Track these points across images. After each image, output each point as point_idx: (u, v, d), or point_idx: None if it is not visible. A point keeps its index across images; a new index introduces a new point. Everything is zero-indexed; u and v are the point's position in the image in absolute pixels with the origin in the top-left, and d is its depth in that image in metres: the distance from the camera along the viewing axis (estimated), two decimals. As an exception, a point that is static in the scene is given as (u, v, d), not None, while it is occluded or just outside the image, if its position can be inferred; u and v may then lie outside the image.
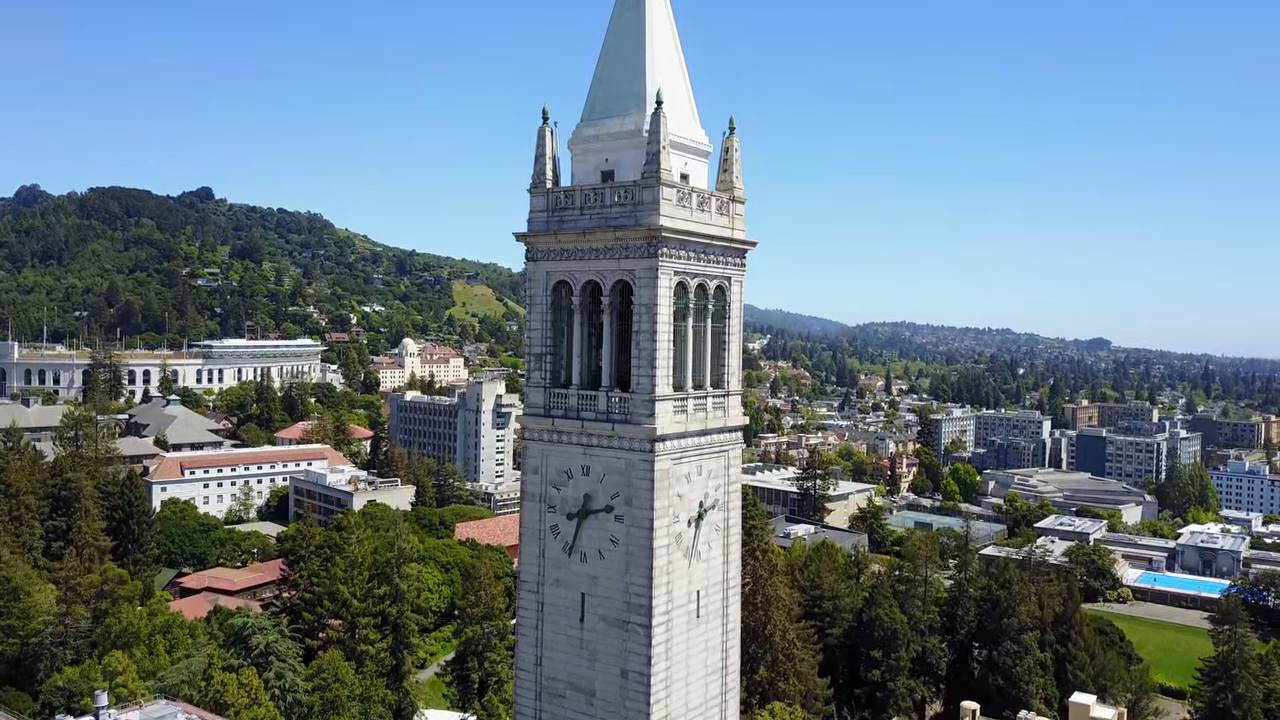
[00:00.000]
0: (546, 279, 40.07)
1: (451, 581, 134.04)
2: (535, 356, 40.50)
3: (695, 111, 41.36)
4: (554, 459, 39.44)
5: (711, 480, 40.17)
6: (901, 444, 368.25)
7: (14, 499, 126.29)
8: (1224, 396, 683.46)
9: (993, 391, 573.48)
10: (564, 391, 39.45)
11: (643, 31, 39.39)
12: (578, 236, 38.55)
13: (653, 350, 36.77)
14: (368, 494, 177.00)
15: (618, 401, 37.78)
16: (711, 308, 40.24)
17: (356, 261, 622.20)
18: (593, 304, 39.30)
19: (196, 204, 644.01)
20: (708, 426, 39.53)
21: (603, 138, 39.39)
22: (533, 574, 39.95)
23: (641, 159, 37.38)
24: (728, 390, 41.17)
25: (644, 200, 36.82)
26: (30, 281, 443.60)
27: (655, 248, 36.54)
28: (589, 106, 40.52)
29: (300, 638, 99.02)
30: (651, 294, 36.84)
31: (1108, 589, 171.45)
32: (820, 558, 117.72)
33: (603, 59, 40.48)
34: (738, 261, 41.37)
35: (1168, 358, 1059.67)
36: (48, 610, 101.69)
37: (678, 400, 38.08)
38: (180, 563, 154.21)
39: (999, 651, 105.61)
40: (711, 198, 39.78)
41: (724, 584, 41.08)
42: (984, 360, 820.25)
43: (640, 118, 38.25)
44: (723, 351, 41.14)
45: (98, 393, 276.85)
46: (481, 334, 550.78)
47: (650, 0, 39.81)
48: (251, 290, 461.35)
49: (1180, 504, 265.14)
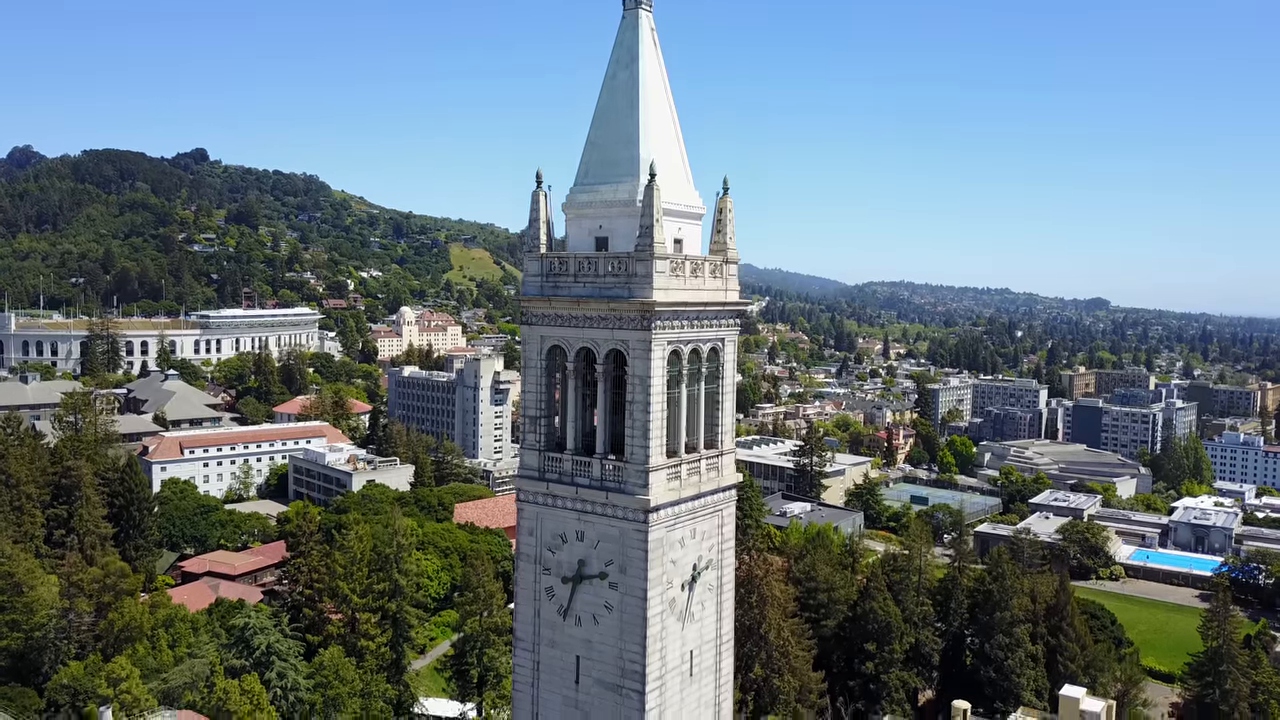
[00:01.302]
0: (541, 343, 40.16)
1: (451, 567, 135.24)
2: (530, 419, 40.71)
3: (689, 172, 41.17)
4: (549, 522, 39.82)
5: (705, 541, 40.59)
6: (898, 413, 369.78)
7: (14, 489, 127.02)
8: (1221, 359, 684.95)
9: (990, 356, 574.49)
10: (559, 456, 39.71)
11: (636, 93, 39.10)
12: (572, 304, 38.60)
13: (646, 422, 37.00)
14: (367, 474, 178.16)
15: (612, 469, 38.07)
16: (705, 370, 40.40)
17: (353, 224, 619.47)
18: (587, 368, 39.45)
19: (191, 166, 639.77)
20: (701, 490, 39.87)
21: (596, 205, 39.26)
22: (528, 633, 40.50)
23: (635, 227, 37.30)
24: (721, 450, 41.44)
25: (637, 273, 36.82)
26: (25, 247, 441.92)
27: (649, 321, 36.61)
28: (582, 170, 40.33)
29: (301, 634, 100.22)
30: (645, 365, 36.98)
31: (1100, 567, 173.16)
32: (815, 549, 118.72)
33: (596, 121, 40.21)
34: (731, 322, 41.45)
35: (1166, 318, 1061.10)
36: (51, 604, 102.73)
37: (671, 468, 38.38)
38: (181, 545, 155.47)
39: (991, 644, 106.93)
40: (705, 263, 39.76)
41: (717, 641, 41.68)
42: (982, 323, 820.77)
43: (634, 186, 38.08)
44: (716, 411, 41.35)
45: (96, 365, 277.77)
46: (479, 299, 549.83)
47: (644, 60, 39.49)
48: (248, 256, 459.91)
49: (1175, 476, 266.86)
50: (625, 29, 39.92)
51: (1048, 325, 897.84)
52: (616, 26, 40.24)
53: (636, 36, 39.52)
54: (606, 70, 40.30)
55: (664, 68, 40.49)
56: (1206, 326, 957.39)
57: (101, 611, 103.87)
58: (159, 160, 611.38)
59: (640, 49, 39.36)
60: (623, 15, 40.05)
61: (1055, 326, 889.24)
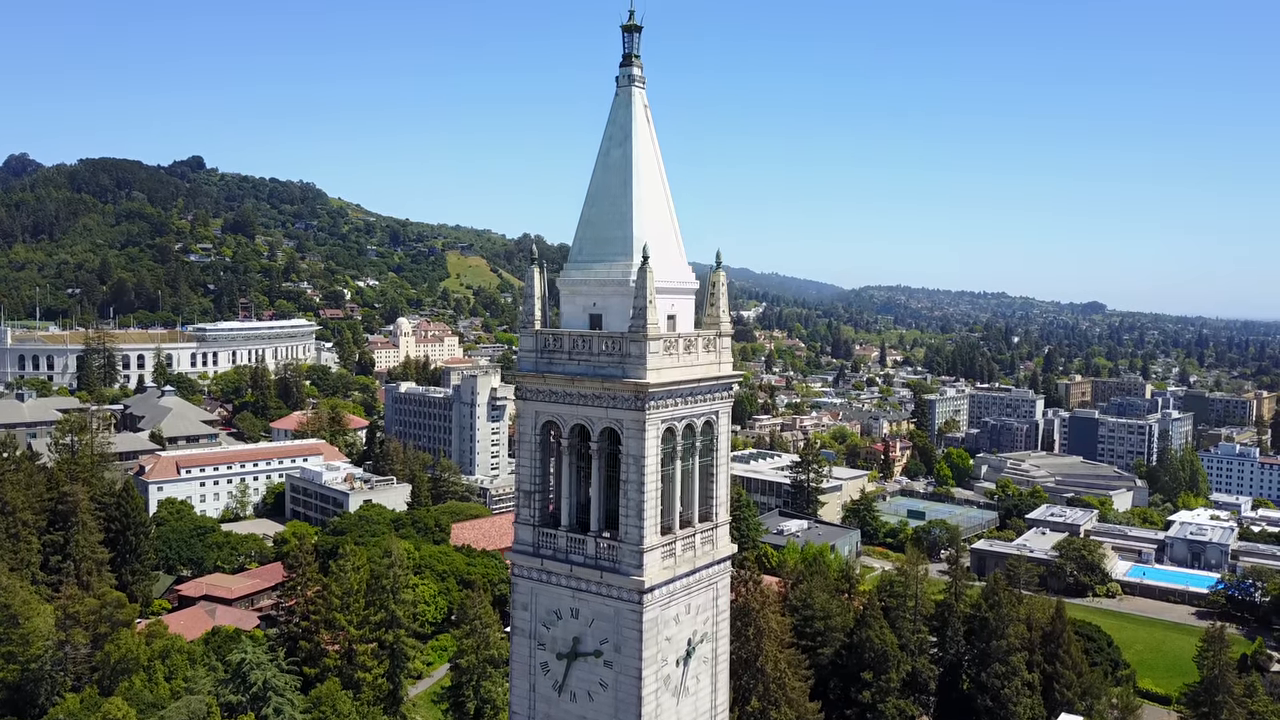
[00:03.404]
0: (535, 418, 40.28)
1: (447, 591, 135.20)
2: (525, 493, 40.83)
3: (682, 248, 41.35)
4: (543, 598, 39.92)
5: (700, 615, 40.69)
6: (895, 423, 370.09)
7: (11, 516, 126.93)
8: (1218, 365, 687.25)
9: (987, 364, 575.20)
10: (553, 532, 39.81)
11: (629, 171, 39.24)
12: (566, 381, 38.73)
13: (640, 502, 37.12)
14: (364, 493, 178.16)
15: (606, 548, 38.18)
16: (699, 445, 40.53)
17: (350, 232, 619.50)
18: (581, 444, 39.57)
19: (188, 174, 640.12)
20: (696, 565, 39.97)
21: (590, 283, 39.42)
22: (524, 707, 40.58)
23: (629, 306, 37.44)
24: (715, 522, 41.56)
25: (631, 353, 36.95)
26: (22, 257, 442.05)
27: (643, 401, 36.74)
28: (576, 247, 40.51)
29: (298, 666, 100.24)
30: (639, 445, 37.11)
31: (1097, 584, 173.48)
32: (812, 575, 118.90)
33: (590, 199, 40.39)
34: (725, 394, 41.60)
35: (1163, 321, 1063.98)
36: (47, 635, 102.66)
37: (666, 546, 38.49)
38: (177, 567, 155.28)
39: (988, 673, 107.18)
40: (698, 339, 39.92)
41: (712, 713, 41.76)
42: (978, 329, 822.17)
43: (627, 266, 38.24)
44: (711, 484, 41.46)
45: (92, 379, 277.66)
46: (476, 307, 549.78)
47: (637, 138, 39.67)
48: (245, 266, 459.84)
49: (1171, 489, 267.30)
50: (618, 106, 40.12)
51: (1044, 330, 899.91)
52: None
53: (630, 114, 39.72)
54: (600, 146, 40.50)
55: (657, 144, 40.71)
56: (1203, 330, 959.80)
57: (98, 642, 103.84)
58: (155, 169, 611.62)
59: (633, 127, 39.56)
60: (616, 92, 40.27)
61: (1051, 331, 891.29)
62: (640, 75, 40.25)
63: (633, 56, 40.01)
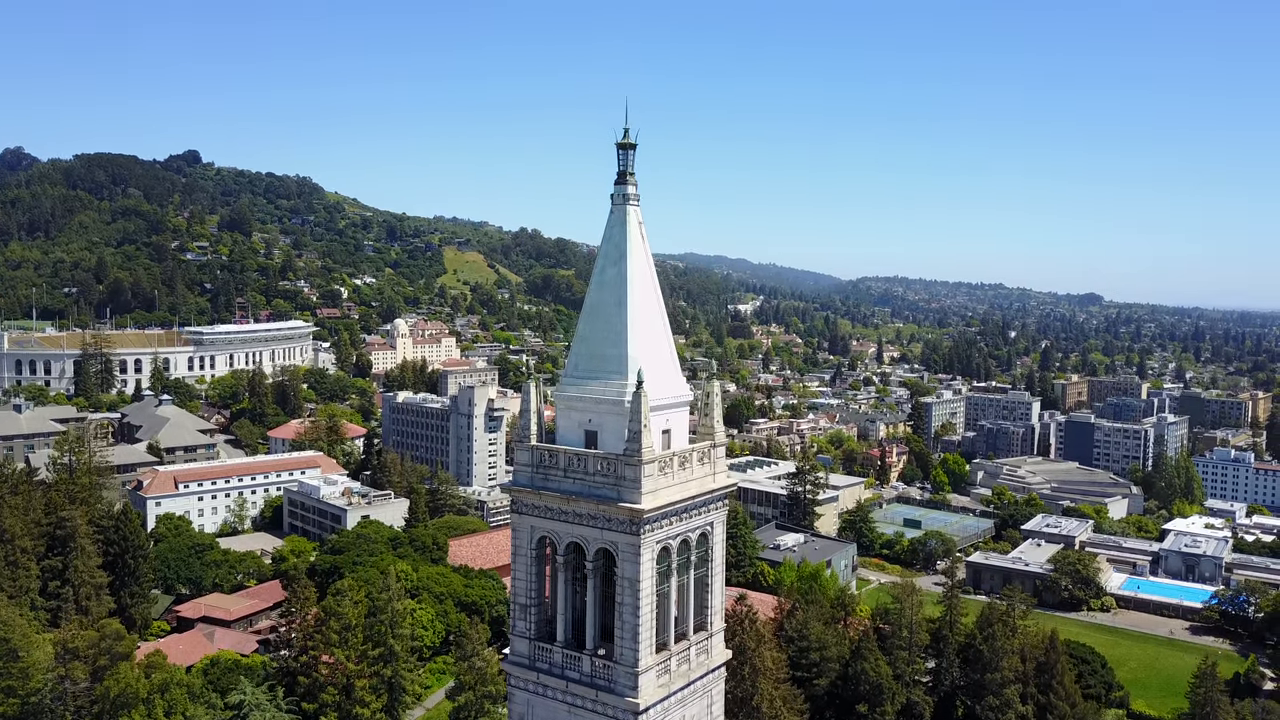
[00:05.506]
0: (531, 533, 40.60)
1: (445, 614, 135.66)
2: (520, 606, 41.18)
3: (676, 363, 41.62)
4: (539, 710, 40.31)
5: (694, 723, 41.10)
6: (892, 425, 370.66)
7: (9, 544, 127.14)
8: (1214, 360, 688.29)
9: (984, 360, 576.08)
10: (549, 647, 40.17)
11: (625, 290, 39.44)
12: (561, 500, 39.02)
13: (635, 625, 37.45)
14: (361, 509, 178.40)
15: (602, 667, 38.53)
16: (694, 558, 40.86)
17: (347, 228, 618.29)
18: (577, 560, 39.87)
19: (184, 168, 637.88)
20: (691, 679, 40.36)
21: (586, 400, 39.65)
22: (520, 817, 41.02)
23: (624, 425, 37.68)
24: (710, 631, 41.93)
25: (626, 476, 37.22)
26: (18, 256, 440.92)
27: (637, 526, 37.04)
28: (572, 362, 40.77)
29: (296, 703, 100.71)
30: (634, 569, 37.42)
31: (1091, 598, 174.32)
32: (808, 605, 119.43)
33: (586, 315, 40.65)
34: (720, 504, 41.90)
35: (1159, 313, 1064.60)
36: (46, 668, 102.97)
37: (661, 664, 38.85)
38: (176, 586, 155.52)
39: (982, 705, 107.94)
40: (693, 454, 40.20)
41: (706, 817, 42.24)
42: (975, 323, 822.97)
43: (622, 386, 38.45)
44: (706, 594, 41.81)
45: (90, 385, 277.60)
46: (473, 304, 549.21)
47: (632, 256, 39.88)
48: (241, 265, 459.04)
49: (1166, 495, 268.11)
50: (613, 224, 40.32)
51: (1041, 323, 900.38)
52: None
53: (625, 232, 39.94)
54: (596, 264, 40.79)
55: (651, 261, 40.92)
56: (1199, 322, 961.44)
57: (97, 675, 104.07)
58: (151, 163, 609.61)
59: (628, 245, 39.78)
60: (611, 210, 40.45)
61: (1049, 324, 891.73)
62: (635, 193, 40.43)
63: (627, 174, 40.20)
